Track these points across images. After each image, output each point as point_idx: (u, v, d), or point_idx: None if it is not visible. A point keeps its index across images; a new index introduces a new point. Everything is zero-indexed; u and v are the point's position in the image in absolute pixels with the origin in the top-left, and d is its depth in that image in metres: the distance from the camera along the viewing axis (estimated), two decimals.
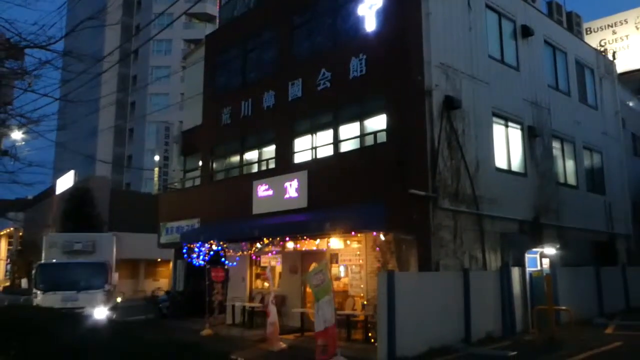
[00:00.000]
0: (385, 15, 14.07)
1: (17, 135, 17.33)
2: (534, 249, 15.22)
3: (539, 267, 15.33)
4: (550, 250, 15.41)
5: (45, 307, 13.05)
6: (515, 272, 14.11)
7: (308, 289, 13.99)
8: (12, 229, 51.18)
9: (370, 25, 14.39)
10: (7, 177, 14.01)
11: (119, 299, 22.34)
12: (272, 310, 13.55)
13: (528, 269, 14.62)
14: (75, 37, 10.59)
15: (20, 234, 49.79)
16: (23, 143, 18.80)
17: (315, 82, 15.63)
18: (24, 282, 35.55)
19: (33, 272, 18.99)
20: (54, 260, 19.11)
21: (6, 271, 54.77)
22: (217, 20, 24.22)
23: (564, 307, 13.93)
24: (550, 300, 12.97)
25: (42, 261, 19.01)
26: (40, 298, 16.87)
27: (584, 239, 18.49)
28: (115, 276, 20.01)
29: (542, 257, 15.56)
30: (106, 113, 52.87)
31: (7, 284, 47.66)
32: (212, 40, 21.65)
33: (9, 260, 54.11)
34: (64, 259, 19.32)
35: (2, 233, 55.11)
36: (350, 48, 14.80)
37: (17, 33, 9.01)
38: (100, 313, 16.66)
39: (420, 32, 13.55)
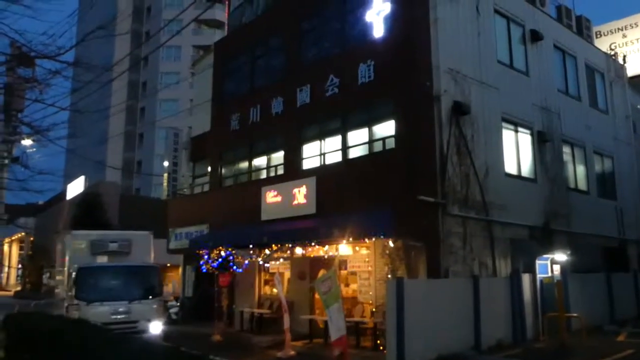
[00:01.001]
0: (393, 21, 14.07)
1: (27, 142, 17.45)
2: (545, 255, 15.10)
3: (549, 274, 15.22)
4: (561, 256, 15.28)
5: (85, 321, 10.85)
6: (526, 278, 14.00)
7: (317, 296, 13.97)
8: (23, 234, 51.59)
9: (378, 31, 14.40)
10: (18, 185, 14.09)
11: None
12: (286, 317, 13.50)
13: (539, 276, 14.51)
14: (86, 46, 10.67)
15: (31, 239, 50.20)
16: (34, 150, 18.93)
17: (324, 88, 15.64)
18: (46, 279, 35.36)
19: (60, 277, 15.97)
20: (98, 263, 15.20)
21: (17, 276, 55.20)
22: (226, 27, 24.36)
23: (575, 314, 13.80)
24: (562, 307, 12.87)
25: (83, 264, 14.62)
26: (84, 311, 13.16)
27: (595, 245, 18.32)
28: (175, 283, 17.50)
29: (552, 263, 15.44)
30: (116, 119, 53.23)
31: (19, 288, 48.02)
32: (220, 47, 21.75)
33: (20, 265, 54.54)
34: (93, 261, 15.37)
35: (13, 238, 55.56)
36: (358, 54, 14.80)
37: (27, 44, 9.10)
38: (156, 328, 14.33)
39: (428, 38, 13.52)
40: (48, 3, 8.62)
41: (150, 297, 14.56)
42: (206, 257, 17.31)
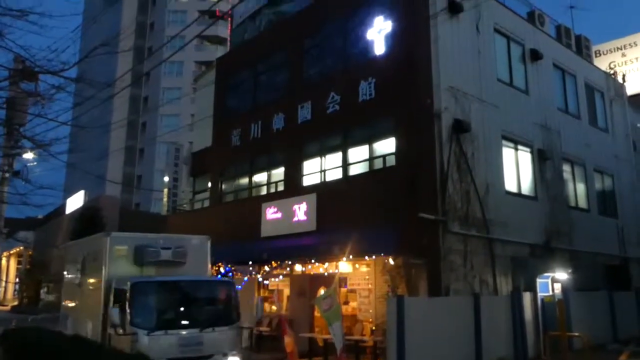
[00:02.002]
0: (394, 40, 14.17)
1: (29, 155, 17.49)
2: (546, 274, 15.04)
3: (550, 292, 15.13)
4: (562, 274, 15.22)
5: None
6: (527, 297, 13.92)
7: (316, 313, 13.88)
8: (21, 248, 51.42)
9: (379, 49, 14.50)
10: (18, 199, 14.09)
11: None
12: (287, 339, 13.29)
13: (540, 294, 14.43)
14: (88, 61, 10.75)
15: (30, 253, 50.00)
16: (35, 164, 18.94)
17: (325, 105, 15.70)
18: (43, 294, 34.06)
19: (111, 297, 10.93)
20: (158, 277, 11.18)
21: (15, 290, 54.89)
22: (228, 43, 24.53)
23: (577, 334, 13.70)
24: (563, 325, 12.77)
25: (138, 279, 10.74)
26: (143, 342, 9.72)
27: (597, 263, 18.25)
28: (258, 301, 13.92)
29: (553, 281, 15.36)
30: (117, 134, 53.40)
31: (16, 303, 47.72)
32: (222, 63, 21.88)
33: (18, 279, 54.27)
34: (136, 273, 11.25)
35: (11, 252, 55.36)
36: (360, 71, 14.88)
37: (31, 59, 9.17)
38: None
39: (429, 56, 13.62)
40: (53, 19, 8.70)
41: (227, 322, 10.77)
42: None
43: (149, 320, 10.07)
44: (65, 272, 14.99)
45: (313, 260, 14.28)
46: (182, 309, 10.76)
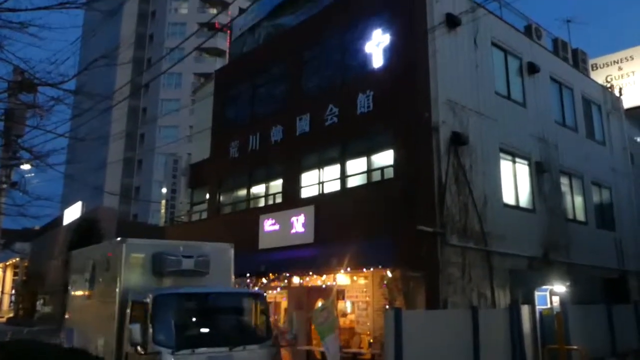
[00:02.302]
0: (393, 53, 14.26)
1: (26, 166, 17.49)
2: (544, 286, 15.00)
3: (549, 305, 15.08)
4: (560, 287, 15.18)
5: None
6: (525, 310, 13.87)
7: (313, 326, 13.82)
8: (17, 259, 51.19)
9: (377, 62, 14.58)
10: (16, 210, 14.07)
11: None
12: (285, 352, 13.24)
13: (538, 307, 14.38)
14: (87, 73, 10.79)
15: (26, 264, 49.77)
16: (32, 175, 18.93)
17: (323, 117, 15.76)
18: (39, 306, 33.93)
19: (127, 310, 9.91)
20: (184, 289, 10.01)
21: (10, 302, 54.55)
22: (227, 55, 24.66)
23: (575, 347, 13.64)
24: (561, 339, 12.73)
25: (162, 291, 9.53)
26: None
27: (595, 276, 18.21)
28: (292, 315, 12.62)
29: (552, 294, 15.32)
30: (115, 145, 53.41)
31: (11, 314, 47.41)
32: (221, 75, 21.97)
33: (13, 290, 53.96)
34: (154, 283, 10.24)
35: (7, 263, 55.09)
36: (358, 84, 14.95)
37: (31, 72, 9.20)
38: None
39: (427, 69, 13.69)
40: (53, 31, 8.74)
41: (258, 340, 9.64)
42: None
43: (174, 337, 8.82)
44: (70, 283, 13.94)
45: (311, 273, 14.25)
46: (210, 324, 9.60)
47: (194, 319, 9.69)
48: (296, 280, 15.31)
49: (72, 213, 40.14)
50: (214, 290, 10.25)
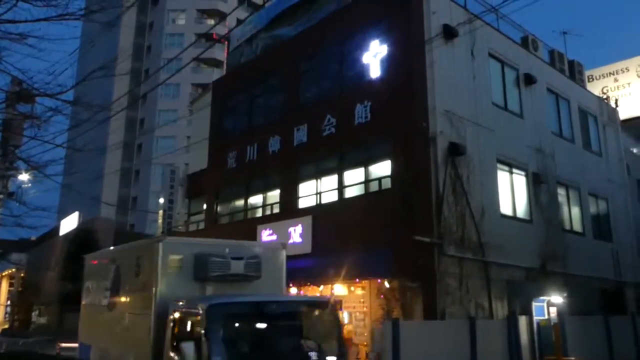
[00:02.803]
0: (390, 64, 14.34)
1: (24, 177, 17.47)
2: (541, 297, 14.98)
3: (546, 316, 15.05)
4: (558, 298, 15.17)
5: None
6: (523, 320, 13.83)
7: None
8: (13, 270, 50.93)
9: (375, 72, 14.65)
10: (12, 221, 14.03)
11: None
12: None
13: (535, 318, 14.35)
14: (85, 84, 10.82)
15: (22, 275, 49.51)
16: (29, 185, 18.90)
17: (321, 127, 15.79)
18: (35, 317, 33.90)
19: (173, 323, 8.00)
20: (243, 299, 8.21)
21: (6, 313, 54.18)
22: (225, 66, 24.74)
23: (572, 358, 13.59)
24: (559, 350, 12.69)
25: (216, 300, 7.69)
26: None
27: (592, 287, 18.20)
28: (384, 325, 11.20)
29: (549, 305, 15.30)
30: (113, 155, 53.36)
31: (6, 326, 47.08)
32: (219, 86, 22.04)
33: (9, 301, 53.61)
34: (196, 291, 8.54)
35: (3, 274, 54.79)
36: (356, 95, 15.01)
37: (29, 82, 9.23)
38: None
39: (424, 80, 13.76)
40: (51, 42, 8.78)
41: (334, 357, 7.81)
42: None
43: (236, 357, 7.16)
44: (84, 291, 12.10)
45: (308, 283, 14.21)
46: (275, 340, 7.80)
47: (258, 334, 7.83)
48: (293, 290, 15.25)
49: (69, 223, 40.05)
50: (281, 299, 8.80)
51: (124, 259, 10.05)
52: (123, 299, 9.75)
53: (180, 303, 7.77)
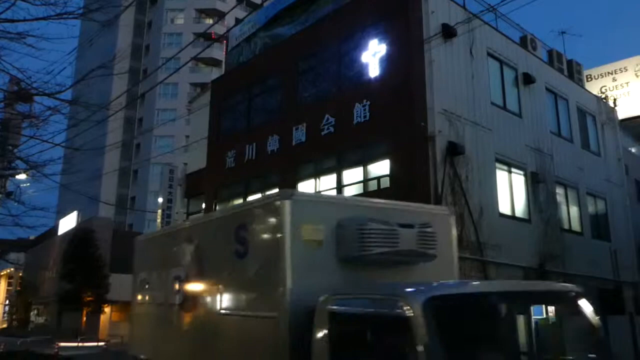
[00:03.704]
0: (389, 63, 14.33)
1: (22, 176, 17.42)
2: None
3: (544, 316, 15.04)
4: None
5: None
6: (521, 320, 13.83)
7: None
8: (11, 269, 50.91)
9: (374, 72, 14.64)
10: (11, 220, 13.99)
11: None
12: None
13: (534, 317, 14.34)
14: (84, 83, 10.81)
15: (20, 274, 49.49)
16: (27, 185, 18.86)
17: (320, 127, 15.78)
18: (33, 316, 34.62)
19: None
20: (477, 289, 5.38)
21: (4, 312, 54.15)
22: (223, 65, 24.73)
23: (571, 358, 13.60)
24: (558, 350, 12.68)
25: (436, 291, 4.40)
26: None
27: (590, 287, 18.16)
28: None
29: (548, 305, 15.29)
30: (111, 155, 53.34)
31: (5, 325, 47.07)
32: (217, 85, 22.01)
33: (7, 301, 53.58)
34: (340, 279, 5.47)
35: (1, 274, 54.76)
36: (354, 94, 15.00)
37: (27, 82, 9.22)
38: None
39: (423, 80, 13.75)
40: (50, 42, 8.77)
41: None
42: None
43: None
44: (137, 283, 9.24)
45: None
46: (513, 345, 5.82)
47: (490, 339, 5.39)
48: None
49: (68, 223, 40.05)
50: (528, 287, 6.05)
51: (212, 234, 7.05)
52: (212, 294, 6.65)
53: (341, 297, 4.89)
